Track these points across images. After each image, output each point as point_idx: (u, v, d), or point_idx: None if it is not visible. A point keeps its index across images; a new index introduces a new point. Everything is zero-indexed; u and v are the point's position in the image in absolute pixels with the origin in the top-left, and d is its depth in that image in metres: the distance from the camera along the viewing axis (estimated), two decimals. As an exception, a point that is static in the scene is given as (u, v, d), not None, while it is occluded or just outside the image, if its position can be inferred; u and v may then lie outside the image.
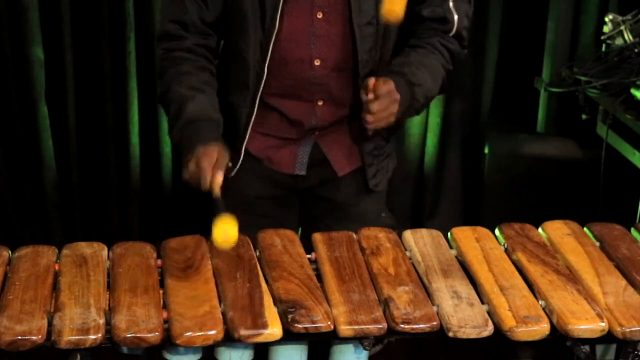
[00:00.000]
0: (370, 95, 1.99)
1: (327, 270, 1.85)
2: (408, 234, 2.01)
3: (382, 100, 1.99)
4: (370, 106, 1.99)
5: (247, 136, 2.18)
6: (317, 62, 2.14)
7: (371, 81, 1.99)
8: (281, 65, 2.12)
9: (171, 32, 2.12)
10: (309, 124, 2.20)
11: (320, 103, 2.18)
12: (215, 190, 1.86)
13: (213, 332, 1.64)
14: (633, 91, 2.98)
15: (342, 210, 2.29)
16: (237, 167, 2.20)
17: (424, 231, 2.02)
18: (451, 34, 2.18)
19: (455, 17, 2.16)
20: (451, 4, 2.15)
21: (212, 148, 1.93)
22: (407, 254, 1.95)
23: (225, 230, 1.76)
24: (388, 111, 2.01)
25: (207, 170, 1.88)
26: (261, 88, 2.13)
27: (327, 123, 2.20)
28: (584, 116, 3.33)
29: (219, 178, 1.88)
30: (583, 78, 3.21)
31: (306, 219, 2.36)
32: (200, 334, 1.63)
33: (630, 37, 3.18)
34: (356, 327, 1.68)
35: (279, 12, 2.06)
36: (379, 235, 1.99)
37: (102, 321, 1.64)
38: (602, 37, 3.29)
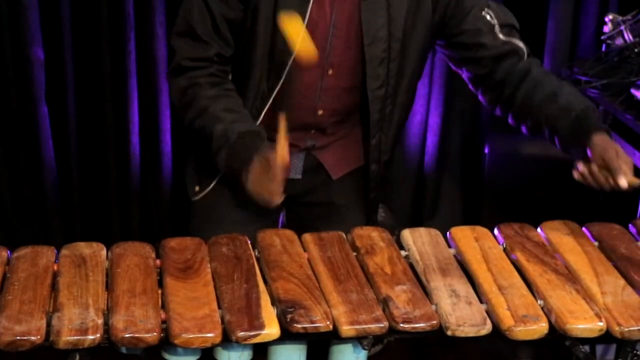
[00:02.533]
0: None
1: (322, 270, 1.85)
2: (406, 233, 2.01)
3: (626, 159, 1.93)
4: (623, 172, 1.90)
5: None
6: (320, 112, 2.16)
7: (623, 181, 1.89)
8: (281, 110, 2.13)
9: (190, 66, 2.10)
10: (305, 145, 2.22)
11: (313, 132, 2.20)
12: (275, 201, 1.91)
13: (211, 334, 1.64)
14: (633, 91, 2.98)
15: (335, 212, 2.29)
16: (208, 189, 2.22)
17: (422, 230, 2.02)
18: (526, 57, 2.18)
19: (520, 43, 2.17)
20: (502, 37, 2.15)
21: (270, 157, 1.92)
22: (406, 253, 1.95)
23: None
24: (625, 157, 1.94)
25: (270, 185, 1.91)
26: None
27: (322, 144, 2.23)
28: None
29: (280, 187, 1.91)
30: (583, 78, 3.20)
31: (297, 226, 2.36)
32: (198, 335, 1.63)
33: (631, 37, 3.17)
34: (358, 326, 1.68)
35: (287, 69, 2.07)
36: (373, 235, 1.99)
37: (100, 321, 1.65)
38: (602, 37, 3.28)
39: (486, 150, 3.59)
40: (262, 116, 2.13)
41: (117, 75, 3.44)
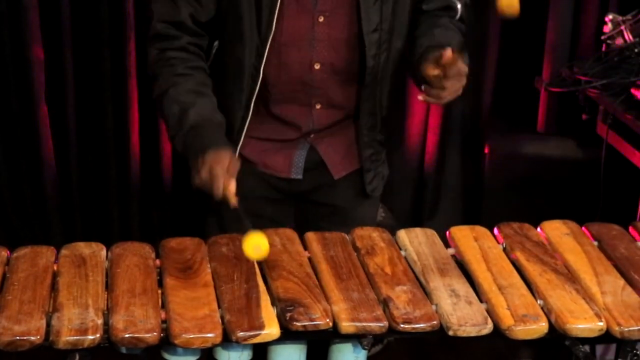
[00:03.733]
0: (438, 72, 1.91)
1: (324, 269, 1.85)
2: (402, 234, 2.01)
3: (455, 78, 1.93)
4: (443, 83, 1.91)
5: (242, 140, 2.16)
6: (316, 66, 2.12)
7: (447, 55, 1.89)
8: (279, 67, 2.11)
9: (163, 33, 2.10)
10: (307, 127, 2.19)
11: (318, 107, 2.17)
12: (231, 199, 1.85)
13: (212, 335, 1.64)
14: (633, 91, 2.98)
15: (339, 214, 2.27)
16: None
17: (418, 230, 2.02)
18: (456, 19, 2.18)
19: (459, 5, 2.18)
20: None
21: (224, 153, 1.90)
22: (403, 253, 1.95)
23: (257, 245, 1.74)
24: (459, 85, 1.95)
25: (220, 178, 1.86)
26: (256, 91, 2.11)
27: (324, 126, 2.20)
28: (584, 116, 3.33)
29: (233, 185, 1.86)
30: (583, 78, 3.21)
31: (302, 224, 2.35)
32: (198, 335, 1.63)
33: (631, 37, 3.18)
34: (358, 324, 1.68)
35: (276, 15, 2.04)
36: (373, 235, 1.99)
37: (100, 321, 1.64)
38: (602, 37, 3.29)
39: (486, 150, 3.59)
40: (261, 73, 2.10)
41: (117, 75, 3.44)
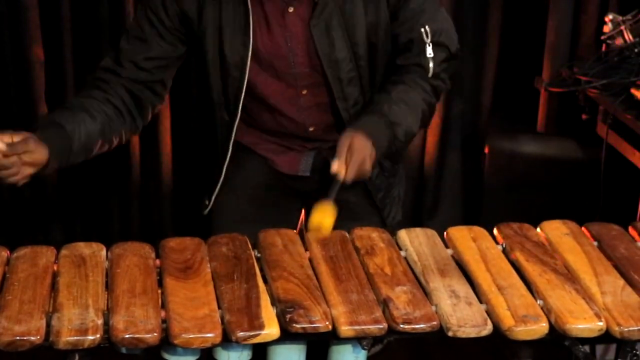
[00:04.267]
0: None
1: (323, 270, 1.85)
2: (403, 234, 2.01)
3: (355, 158, 1.92)
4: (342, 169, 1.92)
5: (217, 190, 2.23)
6: (311, 129, 2.16)
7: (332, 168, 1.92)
8: (276, 126, 2.16)
9: (110, 68, 2.12)
10: (312, 146, 2.22)
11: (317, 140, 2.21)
12: None
13: (211, 334, 1.64)
14: (633, 91, 2.98)
15: (350, 211, 2.27)
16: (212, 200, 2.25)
17: (418, 230, 2.02)
18: (429, 76, 2.13)
19: (431, 65, 2.11)
20: (428, 53, 2.10)
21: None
22: (403, 253, 1.95)
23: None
24: (362, 168, 1.94)
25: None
26: (226, 163, 2.17)
27: (329, 145, 2.21)
28: (584, 116, 3.33)
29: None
30: (583, 78, 3.21)
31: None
32: (198, 335, 1.63)
33: (630, 37, 3.17)
34: (357, 327, 1.68)
35: (241, 102, 2.08)
36: (372, 235, 1.99)
37: (100, 322, 1.65)
38: (602, 37, 3.29)
39: (486, 150, 3.59)
40: (230, 148, 2.15)
41: (117, 75, 3.43)
